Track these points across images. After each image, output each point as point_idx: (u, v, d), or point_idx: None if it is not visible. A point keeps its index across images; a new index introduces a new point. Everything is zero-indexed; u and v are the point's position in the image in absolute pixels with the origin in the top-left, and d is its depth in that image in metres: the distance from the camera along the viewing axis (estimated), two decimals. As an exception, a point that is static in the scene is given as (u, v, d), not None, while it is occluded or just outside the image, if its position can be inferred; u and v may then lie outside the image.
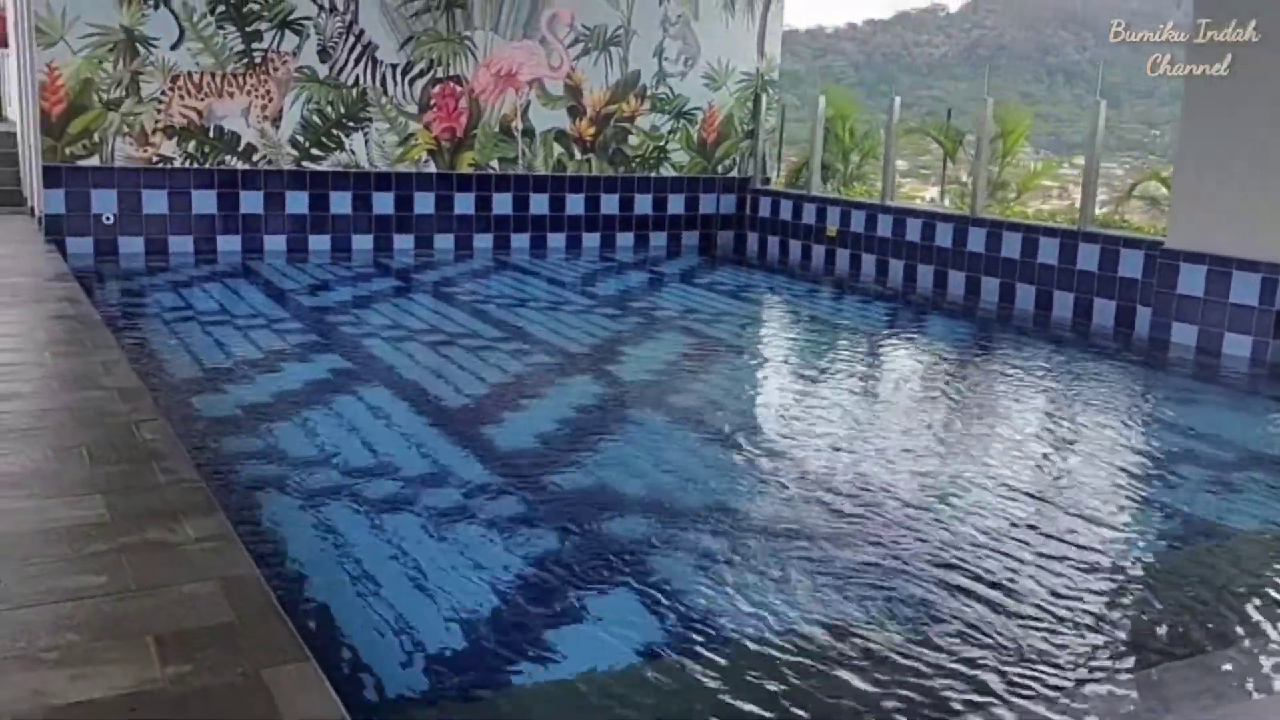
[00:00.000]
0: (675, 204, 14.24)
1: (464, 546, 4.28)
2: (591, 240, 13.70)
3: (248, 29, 11.37)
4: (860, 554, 4.36)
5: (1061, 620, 3.82)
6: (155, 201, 11.14)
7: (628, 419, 6.29)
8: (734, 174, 14.54)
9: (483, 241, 12.99)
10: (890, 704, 3.24)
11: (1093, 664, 3.53)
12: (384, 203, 12.35)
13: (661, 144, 13.99)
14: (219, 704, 2.43)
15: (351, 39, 11.92)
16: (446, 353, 7.62)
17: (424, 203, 12.59)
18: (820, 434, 6.15)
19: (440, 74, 12.48)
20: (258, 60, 11.46)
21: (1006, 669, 3.46)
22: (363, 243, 12.25)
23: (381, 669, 3.30)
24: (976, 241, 10.93)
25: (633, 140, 13.79)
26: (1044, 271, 10.25)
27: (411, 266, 11.61)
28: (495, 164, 12.95)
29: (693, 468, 5.44)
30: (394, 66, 12.20)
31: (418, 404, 6.34)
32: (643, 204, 14.01)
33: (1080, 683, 3.41)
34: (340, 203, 12.10)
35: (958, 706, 3.24)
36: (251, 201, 11.61)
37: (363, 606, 3.71)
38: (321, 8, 11.71)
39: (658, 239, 14.14)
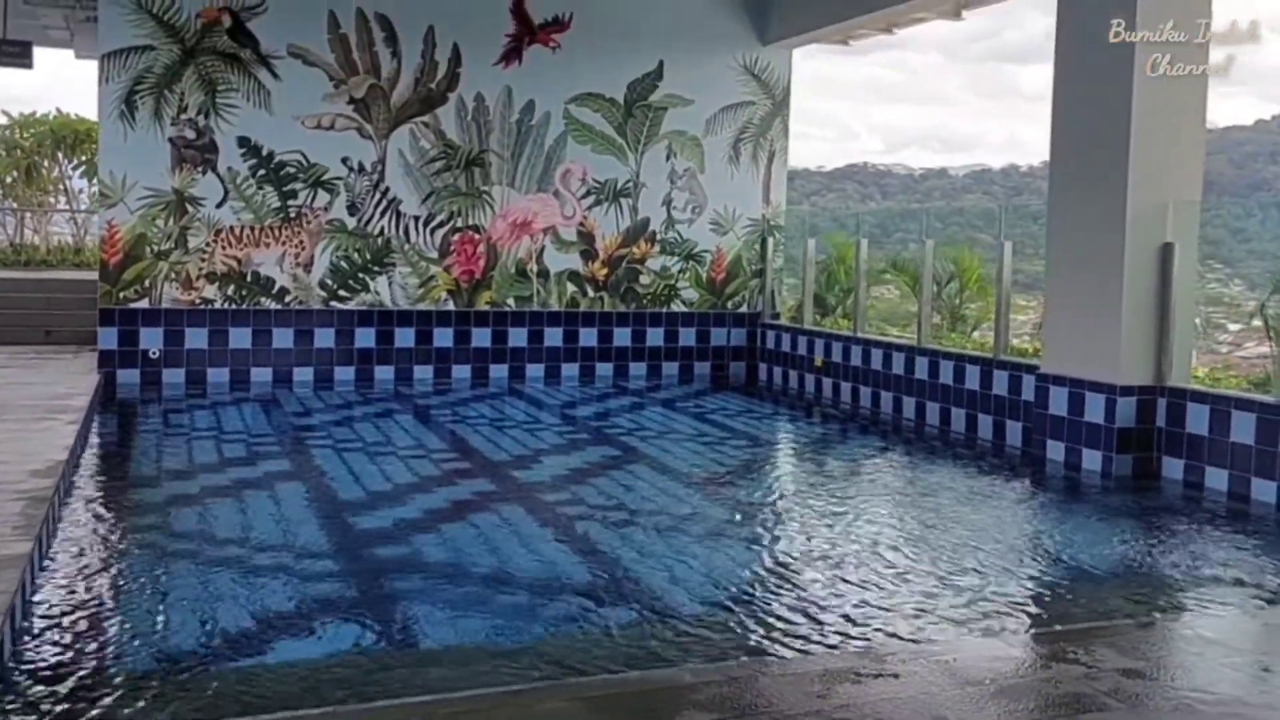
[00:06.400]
0: (687, 336, 15.40)
1: (258, 591, 5.45)
2: (605, 369, 14.91)
3: (284, 189, 13.21)
4: (569, 604, 5.35)
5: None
6: (196, 338, 12.91)
7: (491, 510, 7.41)
8: (744, 309, 15.65)
9: (499, 371, 14.35)
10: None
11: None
12: (405, 337, 13.88)
13: (672, 283, 15.25)
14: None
15: (378, 195, 13.65)
16: (379, 460, 8.86)
17: (443, 337, 14.08)
18: (641, 522, 7.09)
19: (460, 224, 14.09)
20: (292, 215, 13.26)
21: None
22: (384, 373, 13.75)
23: (121, 649, 4.50)
24: (922, 369, 11.79)
25: (644, 280, 15.10)
26: (970, 396, 11.05)
27: (423, 394, 12.97)
28: (511, 302, 14.40)
29: (507, 547, 6.50)
30: (416, 218, 13.87)
31: (315, 496, 7.61)
32: (655, 336, 15.22)
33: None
34: (364, 338, 13.68)
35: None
36: (283, 337, 13.29)
37: (141, 614, 4.93)
38: (351, 169, 13.50)
39: (670, 369, 15.26)
